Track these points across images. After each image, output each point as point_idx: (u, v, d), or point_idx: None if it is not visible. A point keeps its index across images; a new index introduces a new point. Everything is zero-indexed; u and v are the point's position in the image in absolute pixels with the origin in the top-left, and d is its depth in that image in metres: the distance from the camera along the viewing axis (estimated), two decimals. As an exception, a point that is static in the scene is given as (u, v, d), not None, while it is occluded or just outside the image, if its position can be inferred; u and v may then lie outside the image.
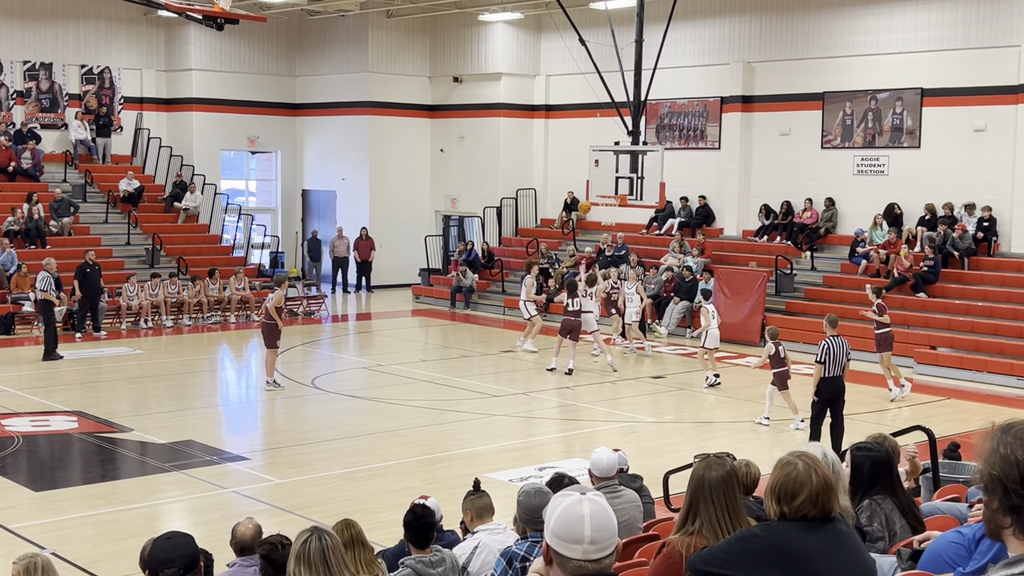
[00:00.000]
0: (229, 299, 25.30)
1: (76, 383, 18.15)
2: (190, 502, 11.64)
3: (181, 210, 29.03)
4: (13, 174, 27.61)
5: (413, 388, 17.86)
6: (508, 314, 26.49)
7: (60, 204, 26.73)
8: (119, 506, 11.35)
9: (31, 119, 28.94)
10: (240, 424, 16.18)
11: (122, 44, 30.30)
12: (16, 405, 15.87)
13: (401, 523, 6.24)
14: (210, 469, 12.73)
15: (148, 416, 15.27)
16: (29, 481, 12.21)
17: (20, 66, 28.79)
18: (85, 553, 9.69)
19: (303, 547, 4.50)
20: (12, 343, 22.01)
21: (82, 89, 29.77)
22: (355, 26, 30.81)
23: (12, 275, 23.95)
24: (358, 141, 31.22)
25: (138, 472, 13.02)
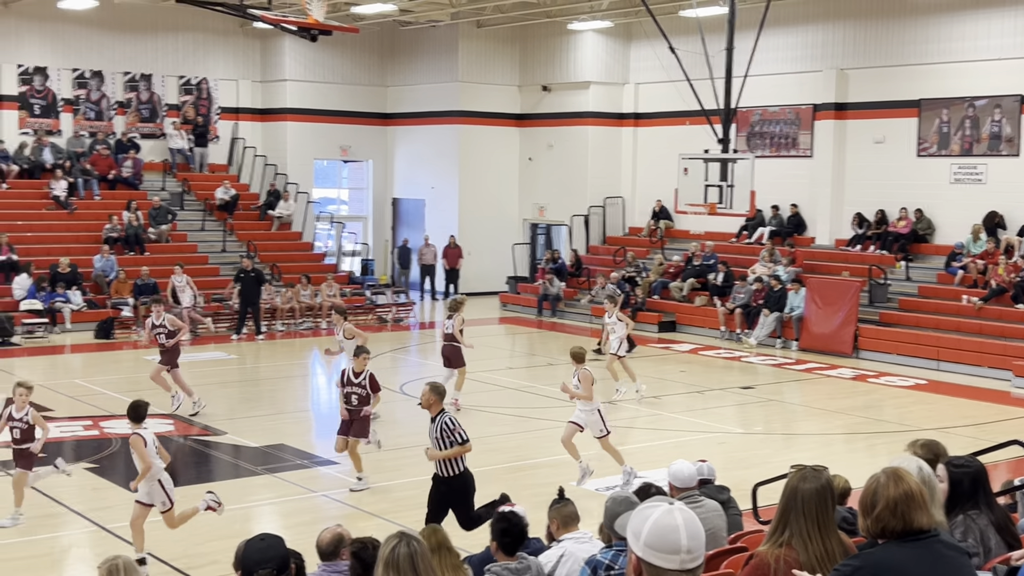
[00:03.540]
0: (320, 305, 25.67)
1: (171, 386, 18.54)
2: (281, 505, 11.83)
3: (275, 218, 29.56)
4: (114, 182, 28.42)
5: (499, 395, 17.91)
6: (595, 322, 26.42)
7: (158, 212, 27.41)
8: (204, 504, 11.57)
9: (131, 129, 29.76)
10: (330, 429, 16.35)
11: (219, 56, 30.99)
12: (114, 407, 16.30)
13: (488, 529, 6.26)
14: (301, 473, 12.93)
15: (241, 420, 15.56)
16: (126, 482, 12.51)
17: (121, 77, 29.63)
18: (179, 553, 9.90)
19: (392, 553, 4.53)
20: (111, 347, 22.61)
21: (180, 100, 30.52)
22: (445, 36, 31.08)
23: (112, 281, 24.63)
24: (447, 150, 31.46)
25: (231, 474, 13.27)
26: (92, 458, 13.39)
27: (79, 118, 29.12)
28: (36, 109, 28.52)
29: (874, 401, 18.23)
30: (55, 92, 28.71)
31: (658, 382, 19.59)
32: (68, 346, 22.47)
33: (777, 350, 22.86)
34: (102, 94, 29.45)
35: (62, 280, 23.99)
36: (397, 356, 21.36)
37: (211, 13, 25.02)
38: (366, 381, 12.53)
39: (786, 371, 20.80)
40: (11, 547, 10.01)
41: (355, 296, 27.40)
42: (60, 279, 23.95)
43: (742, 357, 22.03)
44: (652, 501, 3.16)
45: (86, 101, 29.23)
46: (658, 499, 3.20)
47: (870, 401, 18.22)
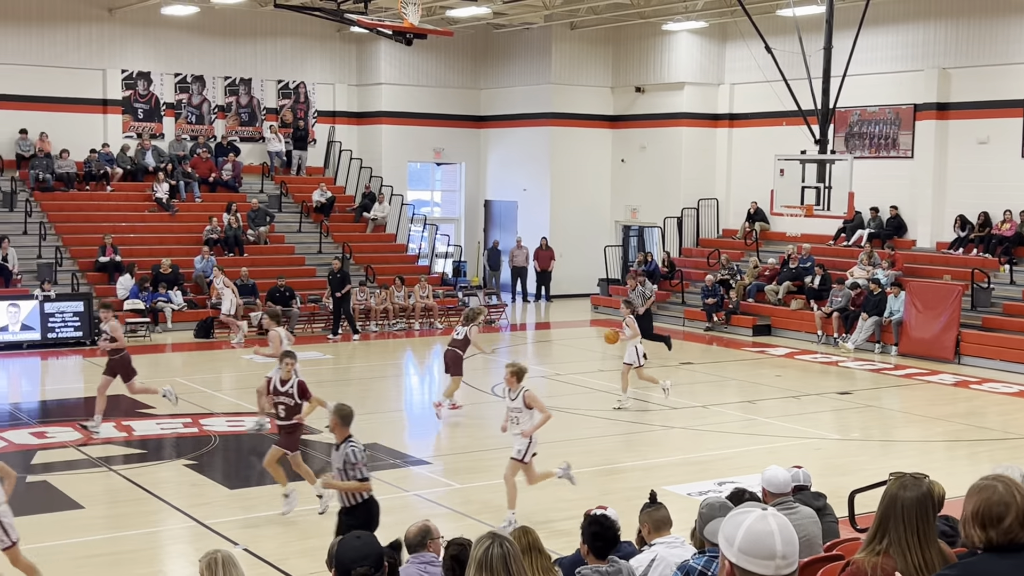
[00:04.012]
0: (413, 307, 25.89)
1: (269, 385, 18.87)
2: (374, 504, 11.94)
3: (369, 220, 29.92)
4: (214, 184, 29.06)
5: (591, 398, 17.86)
6: (687, 325, 26.21)
7: (257, 214, 27.94)
8: (307, 505, 11.74)
9: (231, 132, 30.40)
10: (423, 429, 16.53)
11: (316, 60, 31.49)
12: (213, 405, 16.65)
13: (578, 531, 6.25)
14: (394, 472, 13.05)
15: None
16: (224, 479, 12.78)
17: (221, 82, 30.29)
18: (274, 550, 10.06)
19: (485, 553, 4.54)
20: (210, 346, 23.09)
21: (279, 103, 31.09)
22: (539, 38, 31.12)
23: (211, 281, 25.16)
24: (539, 152, 31.50)
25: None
26: (191, 455, 13.70)
27: (181, 122, 29.84)
28: (140, 113, 29.30)
29: (976, 408, 17.76)
30: (158, 96, 29.46)
31: (752, 386, 19.35)
32: (169, 345, 23.02)
33: (875, 355, 22.40)
34: (203, 98, 30.13)
35: (163, 280, 24.59)
36: (488, 357, 21.41)
37: (309, 18, 25.43)
38: (294, 389, 11.45)
39: (885, 376, 20.38)
40: (111, 541, 10.28)
41: (447, 297, 27.58)
42: (162, 279, 24.56)
43: (839, 362, 21.64)
44: (745, 506, 3.11)
45: (188, 105, 29.94)
46: (752, 504, 3.16)
47: (972, 408, 17.76)
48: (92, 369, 20.17)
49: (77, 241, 25.64)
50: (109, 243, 25.08)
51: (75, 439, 14.33)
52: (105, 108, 28.80)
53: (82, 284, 24.40)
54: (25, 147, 27.43)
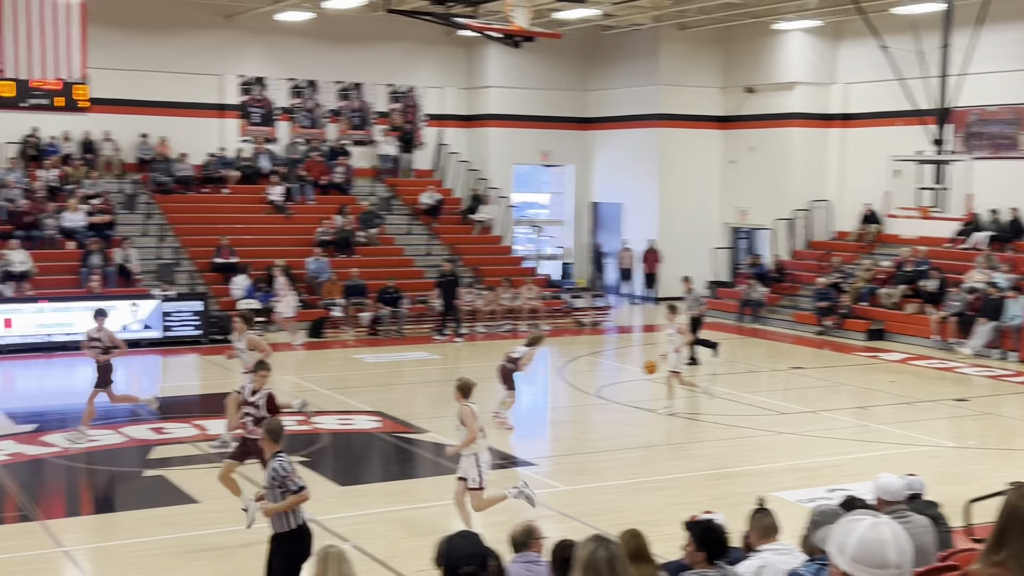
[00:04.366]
0: (520, 308, 25.99)
1: (377, 385, 19.18)
2: (480, 504, 12.02)
3: (477, 222, 30.13)
4: (326, 187, 29.60)
5: (698, 402, 17.70)
6: (798, 329, 25.79)
7: (367, 216, 28.37)
8: (415, 504, 11.90)
9: (343, 136, 30.95)
10: (529, 430, 16.58)
11: (426, 64, 31.85)
12: (325, 404, 16.96)
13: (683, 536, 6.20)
14: (499, 473, 13.10)
15: (444, 419, 15.88)
16: (334, 476, 13.00)
17: (333, 86, 30.85)
18: (383, 548, 10.20)
19: (591, 556, 4.54)
20: (322, 345, 23.52)
21: (389, 107, 31.52)
22: (647, 39, 30.96)
23: (323, 282, 25.63)
24: (647, 153, 31.33)
25: (433, 472, 13.59)
26: (304, 452, 13.96)
27: (295, 126, 30.47)
28: (255, 117, 30.00)
29: (1103, 418, 17.09)
30: (272, 101, 30.13)
31: (865, 392, 18.96)
32: (282, 344, 23.50)
33: (994, 361, 21.73)
34: (316, 103, 30.72)
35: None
36: (594, 360, 21.43)
37: (419, 23, 25.72)
38: (262, 401, 10.67)
39: (1004, 383, 19.75)
40: (224, 535, 10.54)
41: (553, 299, 27.63)
42: (275, 280, 25.09)
43: (956, 368, 21.05)
44: (857, 514, 3.06)
45: (301, 109, 30.57)
46: (864, 512, 3.10)
47: (1098, 418, 17.09)
48: (209, 367, 20.74)
49: (195, 242, 26.37)
50: (225, 244, 25.73)
51: (192, 435, 14.74)
52: (222, 113, 29.57)
53: (199, 284, 25.08)
54: (146, 151, 28.32)
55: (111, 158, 27.94)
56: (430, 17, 22.86)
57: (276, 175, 28.82)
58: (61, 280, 23.94)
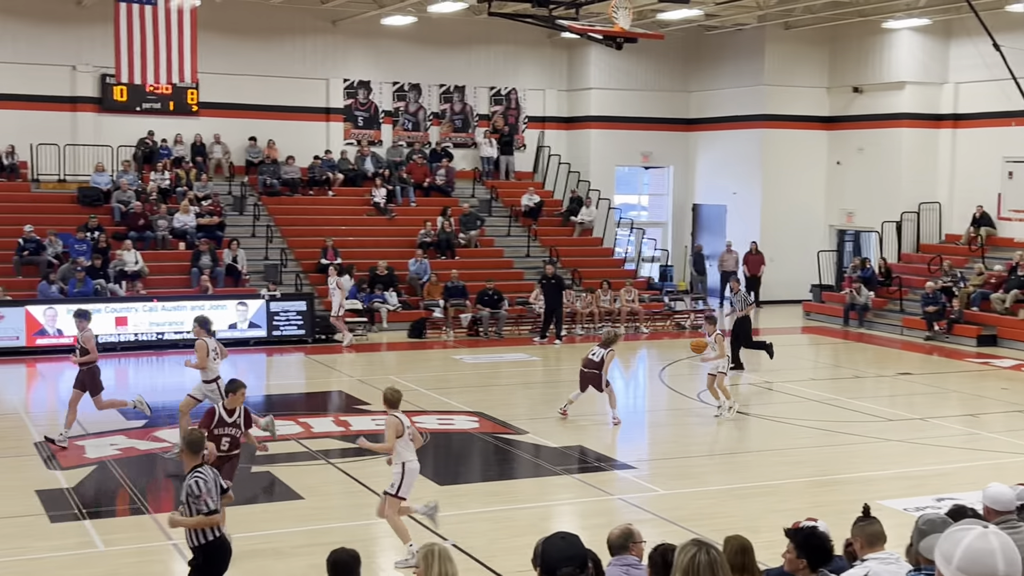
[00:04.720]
0: (619, 310, 25.90)
1: (476, 385, 19.30)
2: (579, 505, 12.04)
3: (577, 224, 30.12)
4: (428, 189, 29.91)
5: (801, 407, 17.43)
6: (906, 334, 25.21)
7: (468, 218, 28.58)
8: (514, 504, 11.95)
9: (445, 139, 31.23)
10: (628, 433, 16.52)
11: (528, 66, 31.97)
12: (425, 403, 17.13)
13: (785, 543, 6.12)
14: (599, 475, 13.10)
15: (542, 420, 15.95)
16: (435, 475, 13.12)
17: (436, 90, 31.16)
18: (482, 547, 10.26)
19: (692, 561, 4.51)
20: (423, 346, 23.76)
21: (490, 110, 31.72)
22: (751, 39, 30.59)
23: (424, 283, 25.88)
24: (750, 154, 30.95)
25: (532, 473, 13.63)
26: (404, 451, 14.10)
27: (398, 129, 30.86)
28: (360, 121, 30.46)
29: None
30: (377, 104, 30.56)
31: (976, 399, 18.44)
32: (384, 344, 23.82)
33: (1113, 370, 20.94)
34: (419, 106, 31.07)
35: (380, 282, 25.47)
36: (694, 363, 21.21)
37: (521, 25, 25.84)
38: (240, 420, 10.60)
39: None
40: (328, 531, 10.71)
41: (653, 302, 27.47)
42: (378, 281, 25.45)
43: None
44: (965, 523, 2.99)
45: (405, 113, 30.93)
46: (972, 522, 3.03)
47: None
48: (314, 366, 21.12)
49: (301, 243, 26.88)
50: (330, 245, 26.16)
51: (296, 432, 15.02)
52: (328, 116, 30.09)
53: (305, 284, 25.56)
54: (254, 154, 28.97)
55: (221, 161, 28.65)
56: (532, 20, 22.93)
57: (379, 177, 29.22)
58: (172, 280, 24.62)
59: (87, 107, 27.62)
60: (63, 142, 27.09)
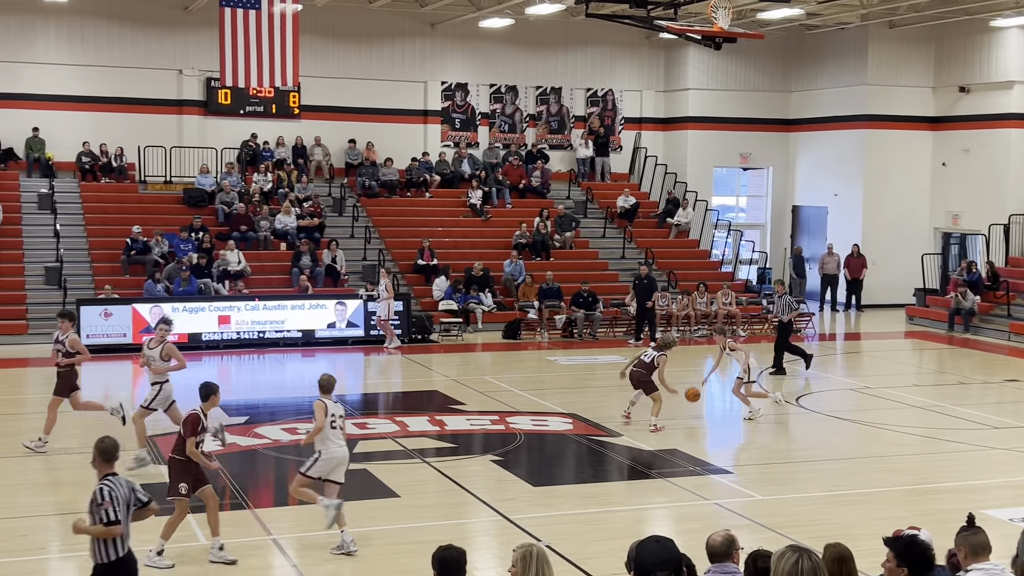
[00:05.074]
0: (716, 313, 25.64)
1: (570, 387, 19.29)
2: (674, 509, 11.96)
3: (673, 225, 29.91)
4: (524, 191, 29.99)
5: (903, 414, 17.05)
6: (1014, 340, 24.49)
7: (563, 219, 28.58)
8: (608, 507, 11.91)
9: (541, 140, 31.29)
10: (724, 438, 16.36)
11: (624, 67, 31.86)
12: (519, 404, 17.18)
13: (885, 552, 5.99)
14: (693, 479, 12.98)
15: (637, 423, 15.87)
16: (528, 476, 13.15)
17: (533, 91, 31.25)
18: (576, 549, 10.25)
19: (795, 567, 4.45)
20: (517, 347, 23.83)
21: (587, 111, 31.68)
22: (854, 38, 30.04)
23: (519, 284, 25.96)
24: (852, 155, 30.40)
25: (626, 476, 13.58)
26: (498, 451, 14.19)
27: (494, 131, 31.01)
28: (457, 123, 30.68)
29: None
30: (474, 107, 30.75)
31: None
32: (479, 345, 23.95)
33: None
34: (516, 107, 31.18)
35: (475, 283, 25.61)
36: (792, 367, 20.90)
37: (618, 26, 25.75)
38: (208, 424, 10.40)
39: None
40: (422, 529, 10.81)
41: (751, 305, 27.13)
42: (474, 282, 25.60)
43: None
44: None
45: (501, 115, 31.07)
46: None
47: None
48: (409, 365, 21.33)
49: (398, 244, 27.18)
50: (427, 246, 26.40)
51: (393, 431, 15.19)
52: (426, 119, 30.38)
53: (402, 285, 25.83)
54: (353, 156, 29.38)
55: (321, 163, 29.12)
56: (630, 21, 22.82)
57: (476, 179, 29.39)
58: (273, 280, 25.10)
59: (193, 110, 28.32)
60: (169, 144, 27.82)
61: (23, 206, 25.97)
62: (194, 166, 27.77)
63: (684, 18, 23.70)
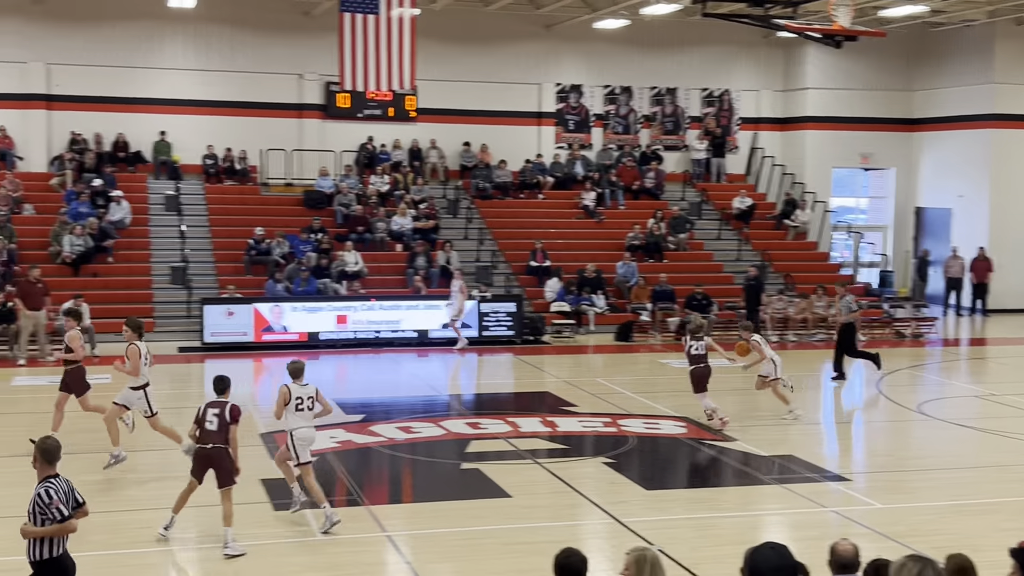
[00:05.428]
0: (835, 317, 25.10)
1: (684, 390, 19.10)
2: (789, 516, 11.76)
3: (790, 227, 29.42)
4: (637, 192, 29.85)
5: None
6: None
7: (677, 221, 28.35)
8: (721, 512, 11.78)
9: (655, 141, 31.10)
10: (842, 444, 16.02)
11: (741, 67, 31.47)
12: (631, 407, 17.11)
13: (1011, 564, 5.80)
14: (810, 486, 12.75)
15: (752, 428, 15.67)
16: (640, 479, 13.08)
17: (647, 92, 31.08)
18: (687, 554, 10.17)
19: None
20: (630, 349, 23.72)
21: (702, 111, 31.38)
22: (980, 35, 29.15)
23: (632, 286, 25.85)
24: (978, 156, 29.50)
25: (740, 481, 13.40)
26: (609, 453, 14.15)
27: (608, 132, 30.94)
28: (570, 124, 30.70)
29: None
30: (588, 108, 30.72)
31: None
32: (591, 346, 23.91)
33: None
34: (630, 108, 31.05)
35: (588, 284, 25.58)
36: (915, 373, 20.39)
37: (735, 25, 25.44)
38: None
39: None
40: (534, 530, 10.84)
41: (872, 308, 26.51)
42: (586, 283, 25.57)
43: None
44: None
45: (615, 116, 30.98)
46: None
47: None
48: (522, 366, 21.42)
49: (511, 246, 27.31)
50: (539, 248, 26.47)
51: (505, 431, 15.28)
52: (540, 120, 30.47)
53: (514, 286, 25.94)
54: (468, 158, 29.63)
55: (436, 165, 29.44)
56: (747, 20, 22.55)
57: (589, 181, 29.36)
58: (389, 280, 25.46)
59: (312, 114, 28.92)
60: (290, 147, 28.45)
61: (150, 207, 26.85)
62: (313, 168, 28.35)
63: (803, 16, 23.28)
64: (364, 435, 14.92)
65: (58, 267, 23.84)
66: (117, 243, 25.01)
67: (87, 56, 27.36)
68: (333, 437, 14.56)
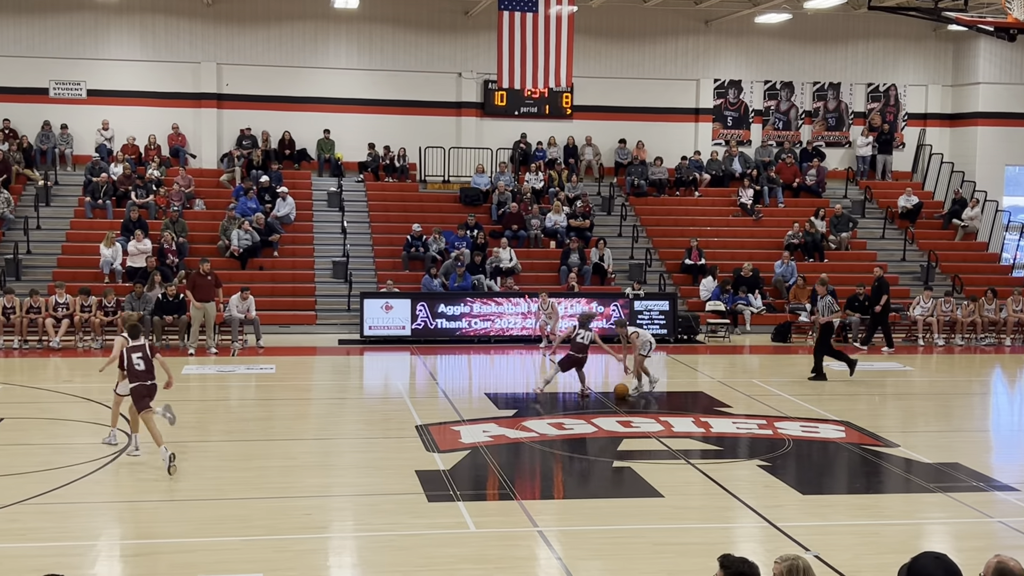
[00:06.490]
0: (1005, 321, 24.08)
1: (843, 394, 18.62)
2: (953, 526, 11.33)
3: (959, 227, 28.34)
4: (797, 190, 29.22)
5: None
6: None
7: (840, 219, 27.63)
8: (882, 520, 11.43)
9: (816, 137, 30.38)
10: (1011, 452, 15.35)
11: (909, 61, 30.47)
12: (788, 410, 16.75)
13: None
14: (976, 495, 12.26)
15: (915, 434, 15.16)
16: (797, 483, 12.80)
17: (810, 87, 30.39)
18: (846, 561, 9.90)
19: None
20: (787, 350, 23.23)
21: (867, 107, 30.51)
22: None
23: (791, 286, 25.31)
24: None
25: (902, 488, 12.97)
26: (765, 456, 13.89)
27: (767, 128, 30.37)
28: (729, 121, 30.26)
29: None
30: (747, 104, 30.22)
31: None
32: (747, 347, 23.52)
33: None
34: (791, 104, 30.42)
35: (744, 284, 25.17)
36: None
37: (902, 18, 24.66)
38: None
39: None
40: (685, 531, 10.74)
41: (1047, 313, 25.29)
42: (742, 283, 25.16)
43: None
44: None
45: (775, 111, 30.39)
46: None
47: None
48: (675, 365, 21.23)
49: (665, 244, 27.09)
50: (695, 246, 26.18)
51: (657, 430, 15.16)
52: (697, 117, 30.13)
53: (668, 284, 25.72)
54: (623, 155, 29.53)
55: (591, 162, 29.44)
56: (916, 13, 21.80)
57: (747, 178, 28.89)
58: (542, 277, 25.59)
59: (470, 112, 29.30)
60: (448, 145, 28.88)
61: (314, 203, 27.66)
62: (470, 166, 28.71)
63: (975, 8, 22.39)
64: (516, 430, 15.03)
65: (226, 260, 24.78)
66: (282, 238, 25.85)
67: (255, 56, 28.37)
68: (486, 431, 14.72)
